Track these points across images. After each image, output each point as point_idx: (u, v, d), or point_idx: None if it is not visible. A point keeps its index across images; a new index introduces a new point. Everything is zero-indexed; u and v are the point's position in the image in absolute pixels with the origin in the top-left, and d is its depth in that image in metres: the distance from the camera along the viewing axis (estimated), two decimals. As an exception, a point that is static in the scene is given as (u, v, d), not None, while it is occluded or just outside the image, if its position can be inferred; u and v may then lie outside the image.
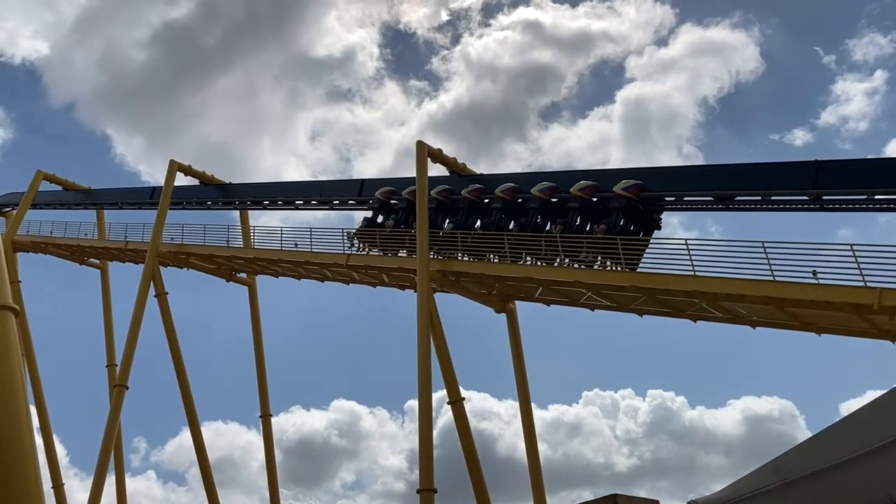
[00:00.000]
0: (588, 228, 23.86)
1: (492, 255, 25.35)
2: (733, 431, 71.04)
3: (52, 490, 36.17)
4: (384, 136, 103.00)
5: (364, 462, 79.82)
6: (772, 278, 19.08)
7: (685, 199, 23.20)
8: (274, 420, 37.23)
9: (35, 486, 10.58)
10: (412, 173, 27.73)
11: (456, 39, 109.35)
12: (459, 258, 26.04)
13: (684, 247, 20.95)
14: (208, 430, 33.52)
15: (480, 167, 29.38)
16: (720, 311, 21.62)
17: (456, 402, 24.96)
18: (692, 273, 20.50)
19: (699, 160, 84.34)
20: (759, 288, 19.34)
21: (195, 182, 37.05)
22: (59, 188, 42.96)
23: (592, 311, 25.04)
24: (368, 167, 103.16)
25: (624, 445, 71.71)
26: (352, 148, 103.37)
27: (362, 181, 31.59)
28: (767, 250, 19.14)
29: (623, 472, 67.64)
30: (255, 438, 79.47)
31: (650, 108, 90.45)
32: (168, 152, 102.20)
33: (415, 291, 26.05)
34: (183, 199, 37.16)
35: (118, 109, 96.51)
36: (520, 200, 25.91)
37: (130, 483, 37.06)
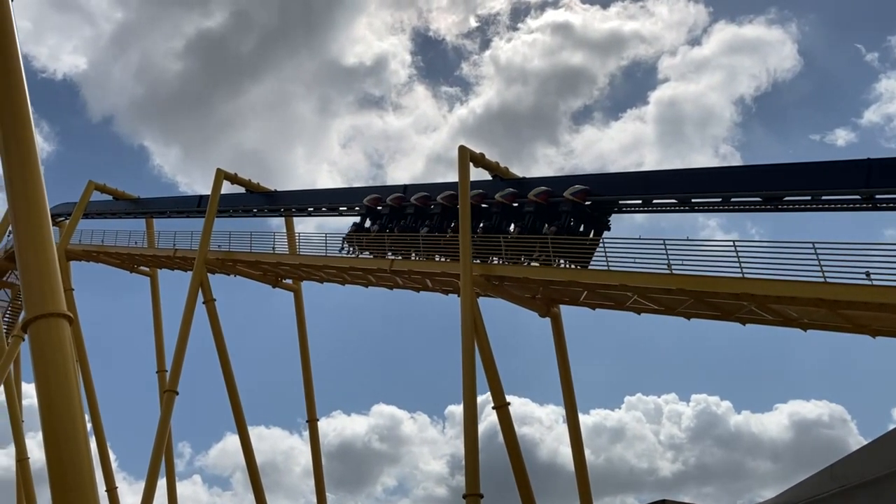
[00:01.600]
0: (545, 229, 25.74)
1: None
2: (780, 436, 69.50)
3: (105, 493, 36.92)
4: (415, 142, 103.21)
5: (405, 467, 79.87)
6: (823, 280, 18.66)
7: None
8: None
9: (91, 489, 10.79)
10: (443, 178, 28.31)
11: (485, 44, 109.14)
12: (496, 262, 26.25)
13: (732, 249, 20.65)
14: (251, 435, 33.81)
15: (512, 171, 29.29)
16: (770, 313, 21.20)
17: (501, 407, 24.89)
18: (741, 275, 20.16)
19: (736, 160, 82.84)
20: (810, 290, 18.92)
21: (241, 190, 37.63)
22: (109, 198, 44.00)
23: (639, 314, 24.74)
24: (401, 173, 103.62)
25: (668, 450, 70.66)
26: (384, 154, 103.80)
27: (405, 186, 31.75)
28: (818, 251, 18.74)
29: (667, 478, 66.67)
30: (298, 443, 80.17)
31: (685, 109, 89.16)
32: (203, 162, 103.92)
33: (458, 296, 26.07)
34: (229, 206, 37.73)
35: (154, 120, 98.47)
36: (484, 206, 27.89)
37: (177, 487, 37.41)
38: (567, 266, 24.47)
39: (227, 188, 37.06)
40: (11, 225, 13.12)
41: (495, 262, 26.41)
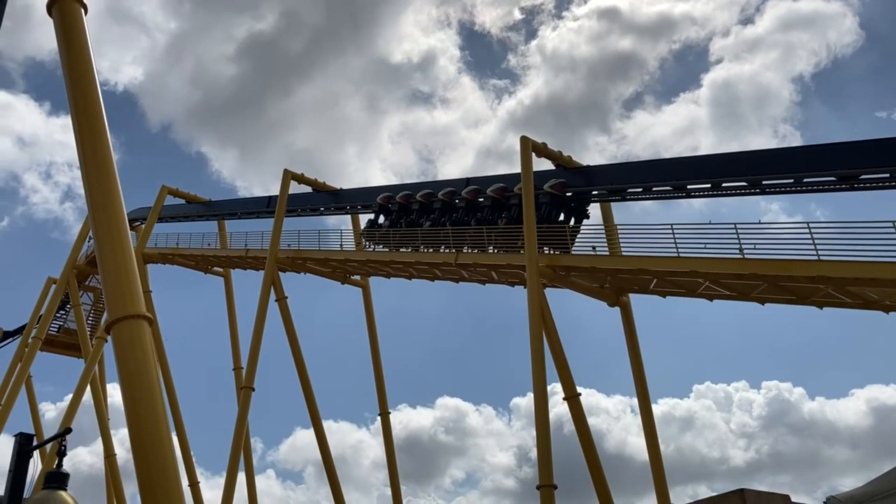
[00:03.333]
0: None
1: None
2: (859, 423, 67.15)
3: (188, 488, 38.08)
4: (464, 136, 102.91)
5: (472, 459, 80.00)
6: (905, 260, 17.99)
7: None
8: (381, 418, 37.89)
9: (175, 485, 11.16)
10: (493, 171, 28.37)
11: (532, 34, 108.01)
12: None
13: (806, 231, 20.05)
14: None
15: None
16: (848, 296, 20.53)
17: (572, 398, 24.76)
18: (816, 257, 19.57)
19: (796, 140, 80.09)
20: (891, 270, 18.25)
21: (308, 189, 38.24)
22: (181, 202, 45.24)
23: (711, 301, 24.25)
24: (450, 168, 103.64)
25: (740, 439, 68.94)
26: (433, 150, 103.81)
27: (468, 179, 31.79)
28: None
29: (740, 467, 65.10)
30: (366, 436, 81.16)
31: (740, 90, 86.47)
32: (259, 164, 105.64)
33: (524, 288, 25.99)
34: (297, 206, 38.37)
35: (210, 126, 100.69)
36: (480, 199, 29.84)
37: (256, 482, 38.25)
38: (550, 252, 26.12)
39: (294, 188, 37.76)
40: (92, 231, 13.63)
41: (491, 251, 27.84)
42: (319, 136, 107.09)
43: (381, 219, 33.76)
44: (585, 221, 28.08)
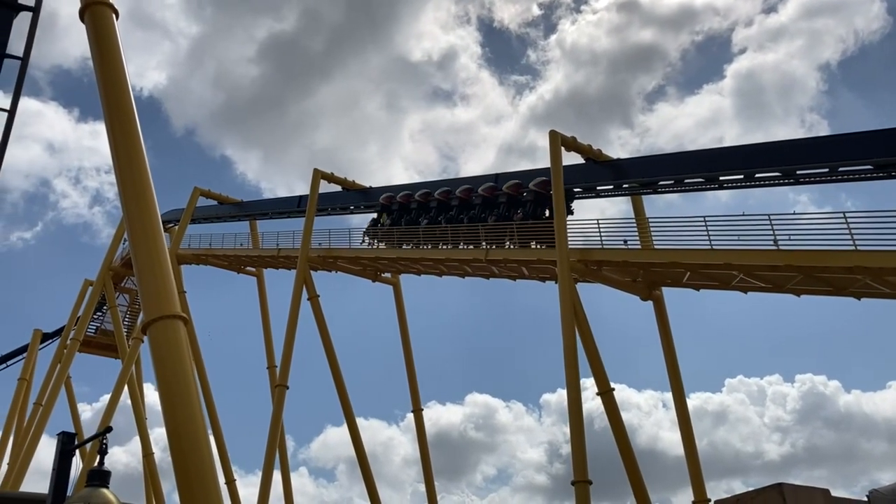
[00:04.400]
0: (518, 216, 28.96)
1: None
2: (898, 416, 65.80)
3: (225, 486, 38.51)
4: (485, 133, 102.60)
5: (503, 456, 79.83)
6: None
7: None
8: (410, 415, 37.98)
9: (213, 483, 11.28)
10: (514, 168, 28.46)
11: (551, 28, 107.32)
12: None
13: (842, 220, 19.72)
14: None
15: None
16: (886, 286, 20.15)
17: (605, 393, 24.63)
18: (853, 247, 19.24)
19: (823, 129, 78.60)
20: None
21: (337, 188, 38.44)
22: (213, 203, 45.72)
23: (745, 293, 23.98)
24: (472, 165, 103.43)
25: (774, 433, 67.94)
26: (454, 147, 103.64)
27: (496, 175, 31.75)
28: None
29: (775, 461, 64.19)
30: (397, 433, 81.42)
31: (764, 80, 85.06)
32: (282, 165, 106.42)
33: (555, 283, 25.90)
34: (328, 205, 38.60)
35: (233, 128, 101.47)
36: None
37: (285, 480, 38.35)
38: (538, 247, 27.32)
39: (323, 187, 37.95)
40: (127, 234, 13.82)
41: (507, 246, 28.54)
42: (341, 136, 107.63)
43: (384, 217, 34.91)
44: (585, 216, 28.99)
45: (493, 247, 28.79)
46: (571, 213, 28.44)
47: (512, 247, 28.26)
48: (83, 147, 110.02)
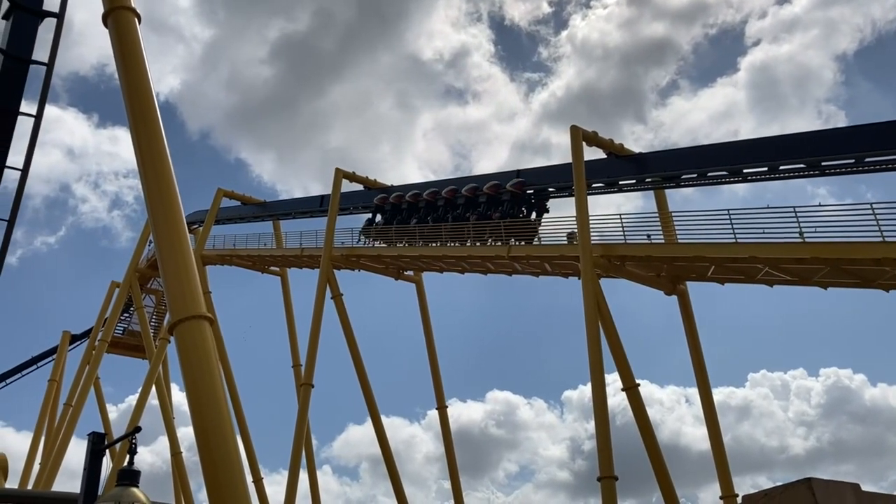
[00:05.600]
0: (497, 215, 30.48)
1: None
2: (927, 410, 64.77)
3: (252, 484, 38.78)
4: (497, 130, 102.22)
5: (525, 453, 79.63)
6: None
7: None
8: (431, 413, 38.02)
9: (241, 481, 11.37)
10: (529, 165, 28.51)
11: (562, 24, 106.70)
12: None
13: (869, 210, 19.46)
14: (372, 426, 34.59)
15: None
16: (917, 278, 19.89)
17: (630, 389, 24.52)
18: (881, 239, 18.99)
19: (840, 121, 77.32)
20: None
21: (359, 187, 38.56)
22: (236, 203, 46.03)
23: (771, 286, 23.76)
24: (485, 163, 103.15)
25: (798, 427, 67.11)
26: (466, 145, 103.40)
27: (518, 171, 31.71)
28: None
29: (800, 456, 63.44)
30: (418, 431, 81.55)
31: (779, 71, 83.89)
32: (295, 166, 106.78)
33: (578, 279, 25.81)
34: (350, 204, 38.72)
35: (247, 130, 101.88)
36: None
37: (307, 478, 38.38)
38: (517, 244, 28.57)
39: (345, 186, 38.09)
40: (152, 235, 13.96)
41: (489, 243, 29.62)
42: (353, 135, 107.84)
43: (378, 217, 36.25)
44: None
45: (478, 244, 30.04)
46: (547, 210, 30.45)
47: (493, 244, 29.58)
48: (102, 152, 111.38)
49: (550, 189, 30.14)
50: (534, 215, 30.66)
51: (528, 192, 30.62)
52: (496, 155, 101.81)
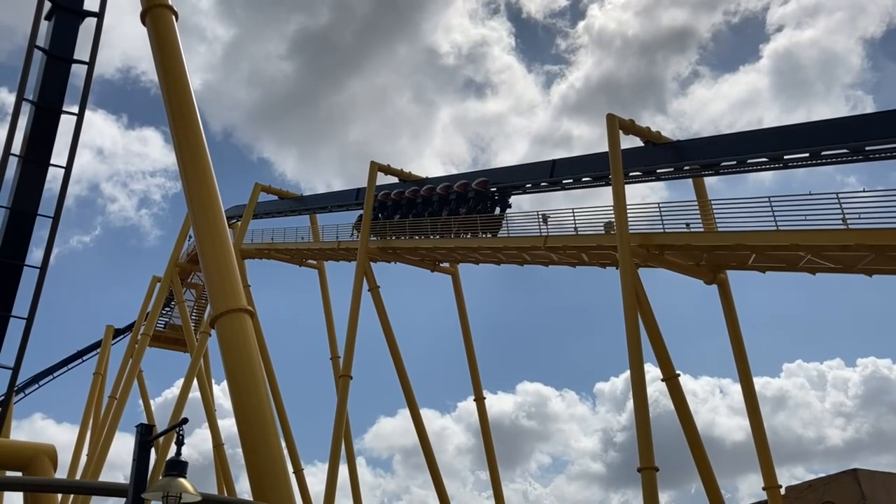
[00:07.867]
0: (464, 210, 33.43)
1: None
2: (972, 399, 63.26)
3: (293, 475, 39.19)
4: (516, 123, 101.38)
5: (556, 444, 79.31)
6: None
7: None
8: (462, 404, 38.09)
9: (282, 471, 11.51)
10: (549, 157, 28.45)
11: (579, 15, 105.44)
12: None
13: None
14: (404, 418, 34.76)
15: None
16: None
17: (670, 379, 24.33)
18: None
19: (868, 106, 75.22)
20: None
21: (394, 180, 38.66)
22: (274, 197, 46.47)
23: (814, 274, 23.34)
24: (504, 156, 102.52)
25: (836, 418, 65.83)
26: (485, 138, 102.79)
27: (553, 162, 31.52)
28: None
29: (838, 447, 62.27)
30: (450, 423, 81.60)
31: (803, 57, 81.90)
32: (316, 162, 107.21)
33: (616, 269, 25.60)
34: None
35: (268, 127, 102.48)
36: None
37: (343, 470, 38.08)
38: (485, 235, 30.75)
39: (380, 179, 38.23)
40: (193, 230, 14.14)
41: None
42: (373, 130, 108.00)
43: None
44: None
45: (452, 236, 32.35)
46: (510, 206, 33.16)
47: (463, 237, 32.37)
48: (131, 152, 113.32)
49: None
50: (497, 210, 33.38)
51: (492, 189, 33.26)
52: (515, 148, 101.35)
